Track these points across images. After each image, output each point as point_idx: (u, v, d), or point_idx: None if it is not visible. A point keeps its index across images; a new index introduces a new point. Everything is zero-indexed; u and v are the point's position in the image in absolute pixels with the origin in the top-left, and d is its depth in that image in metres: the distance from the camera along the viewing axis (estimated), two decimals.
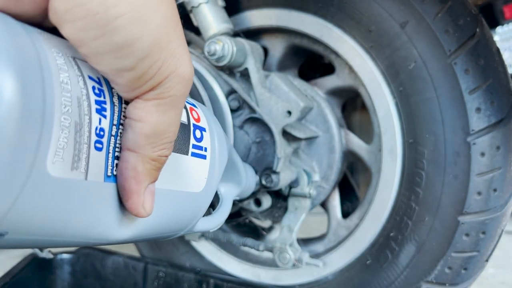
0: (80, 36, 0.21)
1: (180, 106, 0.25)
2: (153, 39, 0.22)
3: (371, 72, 0.68)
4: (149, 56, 0.22)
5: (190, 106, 0.31)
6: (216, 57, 0.67)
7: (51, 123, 0.19)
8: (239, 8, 0.78)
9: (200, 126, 0.31)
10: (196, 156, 0.30)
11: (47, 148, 0.19)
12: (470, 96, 0.61)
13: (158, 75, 0.23)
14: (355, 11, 0.68)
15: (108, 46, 0.21)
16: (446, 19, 0.62)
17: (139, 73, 0.22)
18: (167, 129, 0.25)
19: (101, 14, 0.20)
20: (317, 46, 0.76)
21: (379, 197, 0.70)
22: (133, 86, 0.23)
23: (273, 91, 0.72)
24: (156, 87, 0.23)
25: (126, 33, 0.21)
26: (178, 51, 0.23)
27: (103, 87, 0.23)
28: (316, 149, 0.78)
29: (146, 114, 0.24)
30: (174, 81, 0.24)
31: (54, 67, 0.20)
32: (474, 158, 0.61)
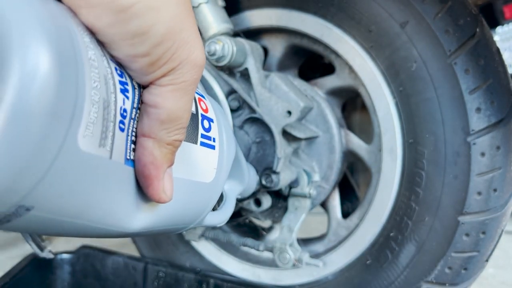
0: (96, 23, 0.21)
1: (192, 92, 0.26)
2: (167, 26, 0.22)
3: (371, 72, 0.68)
4: (163, 43, 0.23)
5: (199, 97, 0.32)
6: (216, 57, 0.67)
7: (83, 96, 0.19)
8: (239, 8, 0.78)
9: (208, 116, 0.31)
10: (205, 145, 0.30)
11: (79, 121, 0.19)
12: (470, 96, 0.61)
13: (171, 61, 0.23)
14: (355, 11, 0.68)
15: (123, 34, 0.22)
16: (446, 19, 0.62)
17: (154, 59, 0.23)
18: (181, 115, 0.25)
19: (116, 1, 0.21)
20: (317, 46, 0.76)
21: (379, 197, 0.70)
22: (147, 71, 0.24)
23: (273, 91, 0.72)
24: (170, 72, 0.24)
25: (141, 20, 0.21)
26: (191, 38, 0.24)
27: (123, 71, 0.24)
28: (316, 149, 0.78)
29: (162, 99, 0.24)
30: (187, 67, 0.24)
31: (82, 44, 0.20)
32: (474, 158, 0.61)
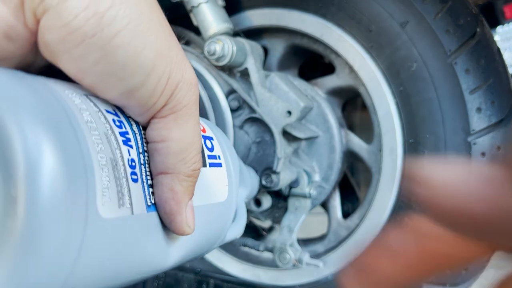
0: (80, 65, 0.20)
1: (196, 114, 0.24)
2: (155, 49, 0.21)
3: (372, 72, 0.68)
4: (155, 68, 0.21)
5: None
6: (216, 57, 0.66)
7: (92, 166, 0.19)
8: (239, 8, 0.78)
9: (208, 136, 0.31)
10: (214, 165, 0.30)
11: (94, 192, 0.19)
12: (471, 96, 0.61)
13: (168, 86, 0.22)
14: (355, 10, 0.68)
15: (112, 68, 0.20)
16: (447, 19, 0.62)
17: (150, 89, 0.21)
18: (192, 141, 0.24)
19: (98, 34, 0.19)
20: (317, 45, 0.76)
21: (379, 197, 0.70)
22: (147, 105, 0.22)
23: (273, 91, 0.72)
24: (169, 100, 0.22)
25: (128, 49, 0.20)
26: (180, 57, 0.22)
27: (121, 118, 0.23)
28: (316, 149, 0.78)
29: (168, 132, 0.23)
30: (185, 88, 0.23)
31: (76, 110, 0.19)
32: (475, 158, 0.61)
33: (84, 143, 0.19)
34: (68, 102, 0.19)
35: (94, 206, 0.19)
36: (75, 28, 0.19)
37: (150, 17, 0.21)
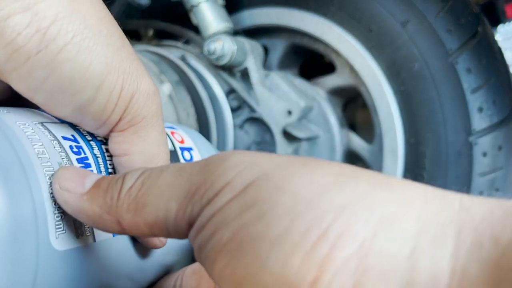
0: (29, 83, 0.19)
1: (158, 124, 0.23)
2: (104, 62, 0.20)
3: (372, 71, 0.68)
4: (105, 82, 0.20)
5: (171, 130, 0.31)
6: (216, 56, 0.66)
7: (42, 202, 0.18)
8: (239, 7, 0.78)
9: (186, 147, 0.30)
10: None
11: (46, 227, 0.18)
12: (472, 96, 0.61)
13: (122, 99, 0.21)
14: (355, 10, 0.68)
15: (60, 84, 0.19)
16: (448, 18, 0.62)
17: (102, 103, 0.20)
18: (157, 152, 0.23)
19: (43, 51, 0.18)
20: (318, 45, 0.76)
21: None
22: (101, 119, 0.21)
23: (273, 90, 0.72)
24: (125, 113, 0.21)
25: (74, 63, 0.19)
26: (134, 67, 0.22)
27: (80, 143, 0.22)
28: (317, 149, 0.77)
29: (129, 145, 0.22)
30: (142, 99, 0.22)
31: (26, 142, 0.19)
32: (476, 158, 0.61)
33: (33, 179, 0.18)
34: (18, 135, 0.19)
35: (46, 242, 0.18)
36: (19, 46, 0.18)
37: (99, 29, 0.20)
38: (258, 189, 0.16)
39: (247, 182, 0.16)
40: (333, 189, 0.15)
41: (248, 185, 0.16)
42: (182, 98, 0.62)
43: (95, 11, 0.20)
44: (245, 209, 0.15)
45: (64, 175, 0.19)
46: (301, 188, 0.15)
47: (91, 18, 0.20)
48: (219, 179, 0.17)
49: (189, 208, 0.17)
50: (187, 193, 0.17)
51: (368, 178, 0.16)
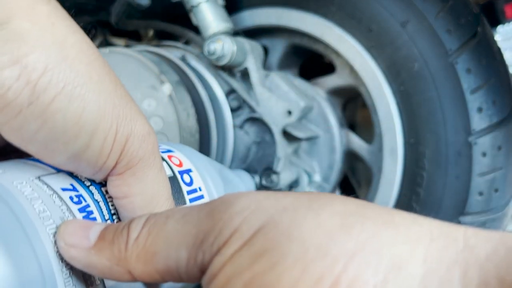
0: (22, 134, 0.19)
1: (156, 162, 0.23)
2: (97, 109, 0.20)
3: (372, 71, 0.68)
4: (99, 128, 0.20)
5: (168, 154, 0.30)
6: (216, 57, 0.66)
7: (48, 263, 0.18)
8: (239, 7, 0.78)
9: (185, 169, 0.30)
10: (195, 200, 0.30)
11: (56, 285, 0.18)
12: (472, 96, 0.61)
13: (116, 143, 0.21)
14: (355, 10, 0.68)
15: (53, 134, 0.19)
16: (447, 18, 0.62)
17: (97, 149, 0.20)
18: (157, 191, 0.23)
19: (34, 103, 0.18)
20: (318, 45, 0.76)
21: (380, 197, 0.70)
22: (97, 165, 0.21)
23: (273, 90, 0.72)
24: (121, 157, 0.21)
25: (66, 113, 0.19)
26: (127, 110, 0.21)
27: (80, 191, 0.22)
28: (316, 149, 0.77)
29: (128, 188, 0.22)
30: (137, 142, 0.21)
31: (25, 203, 0.19)
32: (476, 158, 0.61)
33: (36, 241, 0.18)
34: (16, 197, 0.19)
35: None
36: (10, 99, 0.18)
37: (89, 76, 0.20)
38: (267, 237, 0.16)
39: (254, 228, 0.16)
40: (340, 234, 0.15)
41: (256, 232, 0.16)
42: (182, 98, 0.62)
43: (84, 56, 0.20)
44: (255, 258, 0.15)
45: (68, 230, 0.19)
46: (309, 234, 0.15)
47: (80, 64, 0.20)
48: (227, 226, 0.17)
49: (200, 256, 0.17)
50: (195, 240, 0.17)
51: (373, 216, 0.16)
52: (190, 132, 0.62)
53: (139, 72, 0.61)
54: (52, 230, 0.19)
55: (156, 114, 0.59)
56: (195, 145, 0.63)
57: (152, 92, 0.60)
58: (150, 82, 0.60)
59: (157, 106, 0.60)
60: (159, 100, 0.60)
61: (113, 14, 0.72)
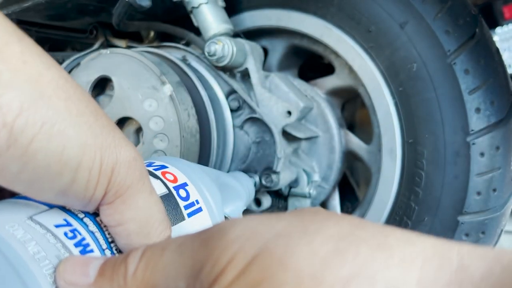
0: (5, 176, 0.19)
1: (146, 187, 0.23)
2: (78, 143, 0.19)
3: (371, 72, 0.68)
4: (83, 162, 0.20)
5: (162, 171, 0.30)
6: (216, 58, 0.67)
7: None
8: (239, 9, 0.79)
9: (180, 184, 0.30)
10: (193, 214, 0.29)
11: None
12: (470, 96, 0.61)
13: (103, 174, 0.21)
14: (355, 11, 0.68)
15: (37, 173, 0.19)
16: (446, 19, 0.62)
17: (83, 183, 0.20)
18: (150, 214, 0.23)
19: (12, 146, 0.18)
20: (317, 46, 0.76)
21: (379, 197, 0.70)
22: (86, 198, 0.21)
23: (273, 91, 0.72)
24: (109, 187, 0.21)
25: (47, 151, 0.19)
26: (110, 139, 0.21)
27: (74, 225, 0.22)
28: (316, 149, 0.78)
29: (120, 215, 0.22)
30: (123, 170, 0.21)
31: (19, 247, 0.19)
32: (474, 158, 0.61)
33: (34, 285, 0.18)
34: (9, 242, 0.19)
35: None
36: None
37: (68, 110, 0.20)
38: (262, 266, 0.16)
39: (249, 257, 0.16)
40: (335, 260, 0.15)
41: (251, 260, 0.16)
42: (183, 98, 0.62)
43: (62, 91, 0.20)
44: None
45: (66, 268, 0.19)
46: (303, 263, 0.15)
47: (58, 100, 0.19)
48: (223, 254, 0.17)
49: (198, 286, 0.17)
50: (192, 271, 0.18)
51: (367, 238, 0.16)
52: (191, 132, 0.62)
53: (140, 72, 0.62)
54: (49, 270, 0.19)
55: (157, 115, 0.60)
56: (195, 145, 0.63)
57: (153, 92, 0.60)
58: (151, 83, 0.61)
59: (158, 107, 0.60)
60: (160, 100, 0.60)
61: (114, 15, 0.72)
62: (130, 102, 0.60)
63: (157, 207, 0.23)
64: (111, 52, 0.67)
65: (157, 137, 0.60)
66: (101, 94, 0.67)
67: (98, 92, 0.67)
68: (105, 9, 0.81)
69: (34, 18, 0.89)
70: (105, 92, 0.68)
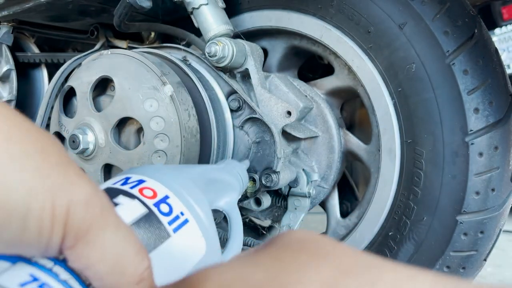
0: None
1: (110, 222, 0.21)
2: (23, 189, 0.18)
3: (370, 72, 0.69)
4: (31, 208, 0.18)
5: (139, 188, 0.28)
6: (217, 58, 0.67)
7: None
8: (239, 10, 0.79)
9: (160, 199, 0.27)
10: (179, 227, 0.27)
11: None
12: (469, 97, 0.61)
13: (57, 218, 0.19)
14: (354, 12, 0.68)
15: None
16: (445, 20, 0.62)
17: (35, 230, 0.18)
18: (120, 251, 0.21)
19: None
20: (317, 47, 0.77)
21: (378, 197, 0.71)
22: (42, 245, 0.19)
23: (273, 91, 0.72)
24: (66, 230, 0.19)
25: None
26: (61, 178, 0.19)
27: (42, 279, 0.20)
28: (315, 149, 0.78)
29: (87, 258, 0.20)
30: (79, 210, 0.19)
31: None
32: (472, 158, 0.61)
33: None
34: None
35: None
36: None
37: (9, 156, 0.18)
38: None
39: None
40: None
41: None
42: (184, 99, 0.63)
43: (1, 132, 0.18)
44: None
45: None
46: None
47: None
48: None
49: None
50: None
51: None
52: (191, 132, 0.63)
53: (141, 73, 0.62)
54: None
55: (157, 115, 0.60)
56: (196, 145, 0.64)
57: (154, 93, 0.61)
58: (152, 83, 0.61)
59: (159, 107, 0.60)
60: (160, 101, 0.61)
61: (115, 16, 0.73)
62: (131, 102, 0.61)
63: (127, 241, 0.21)
64: (112, 52, 0.67)
65: (158, 137, 0.60)
66: (102, 94, 0.68)
67: (99, 92, 0.68)
68: (106, 10, 0.81)
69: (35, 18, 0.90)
70: (106, 93, 0.68)
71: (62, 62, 0.93)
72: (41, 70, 1.01)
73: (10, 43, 0.96)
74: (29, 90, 1.01)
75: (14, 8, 0.80)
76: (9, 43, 0.96)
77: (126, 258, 0.21)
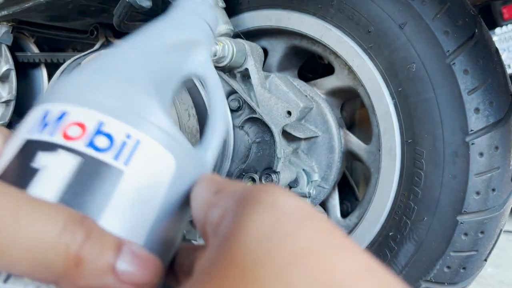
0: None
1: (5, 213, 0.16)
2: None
3: (370, 72, 0.69)
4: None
5: (62, 129, 0.21)
6: (217, 58, 0.67)
7: None
8: (239, 9, 0.79)
9: (94, 131, 0.21)
10: (131, 155, 0.21)
11: None
12: (469, 97, 0.61)
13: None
14: (354, 12, 0.68)
15: None
16: (445, 20, 0.62)
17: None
18: (33, 236, 0.16)
19: None
20: (317, 47, 0.77)
21: (378, 197, 0.71)
22: None
23: (273, 91, 0.72)
24: None
25: None
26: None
27: None
28: (315, 149, 0.78)
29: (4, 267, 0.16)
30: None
31: None
32: (473, 158, 0.61)
33: None
34: None
35: None
36: None
37: None
38: None
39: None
40: None
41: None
42: (183, 99, 0.63)
43: None
44: None
45: None
46: None
47: None
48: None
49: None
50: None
51: None
52: (191, 132, 0.63)
53: None
54: None
55: None
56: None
57: None
58: None
59: None
60: None
61: (115, 16, 0.72)
62: None
63: (39, 224, 0.17)
64: None
65: None
66: None
67: None
68: (106, 10, 0.81)
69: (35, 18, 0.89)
70: None
71: (61, 62, 0.93)
72: (40, 70, 1.01)
73: (10, 43, 0.96)
74: (29, 90, 1.01)
75: (13, 8, 0.80)
76: (9, 42, 0.96)
77: (46, 245, 0.16)
